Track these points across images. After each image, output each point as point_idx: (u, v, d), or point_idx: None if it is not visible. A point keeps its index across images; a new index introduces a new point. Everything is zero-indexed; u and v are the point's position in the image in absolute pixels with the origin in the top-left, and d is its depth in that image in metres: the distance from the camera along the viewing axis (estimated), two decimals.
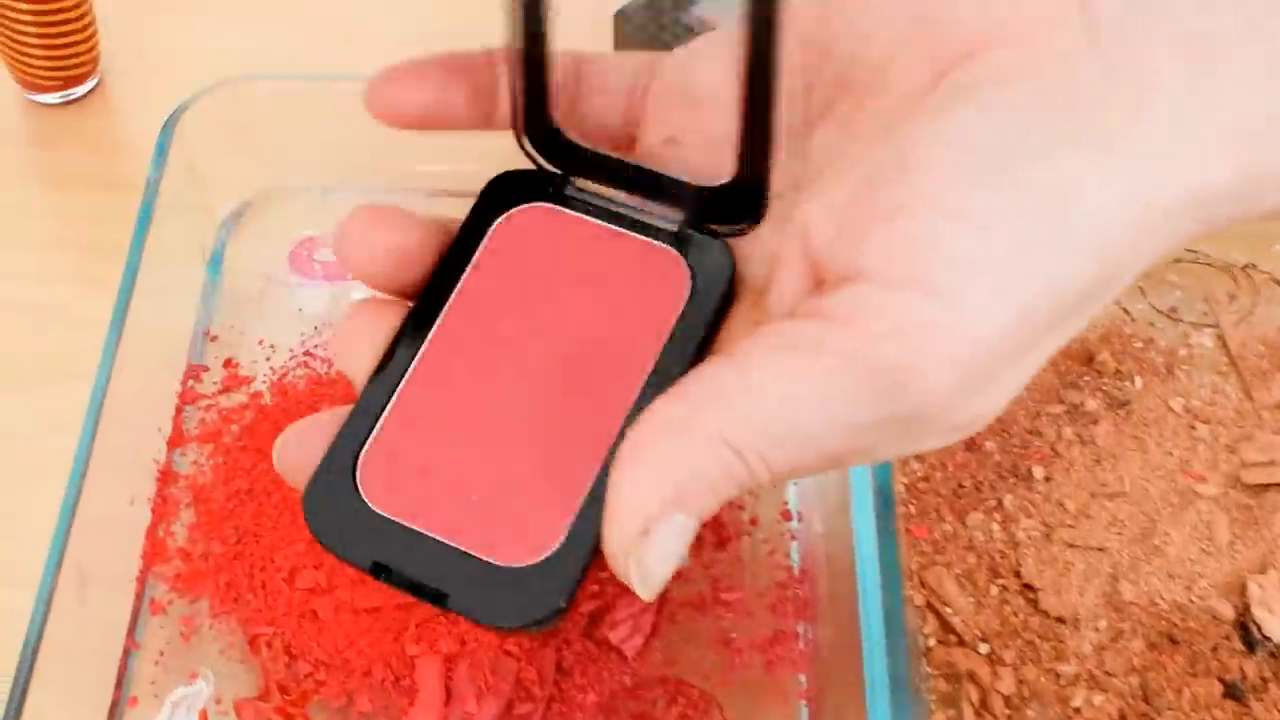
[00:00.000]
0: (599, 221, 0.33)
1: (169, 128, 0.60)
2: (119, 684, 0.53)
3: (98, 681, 0.52)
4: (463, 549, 0.30)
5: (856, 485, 0.50)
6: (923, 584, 0.56)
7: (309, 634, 0.53)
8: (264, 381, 0.61)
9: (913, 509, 0.58)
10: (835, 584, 0.53)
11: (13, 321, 0.65)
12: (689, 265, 0.32)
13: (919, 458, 0.60)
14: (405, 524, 0.30)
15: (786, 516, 0.58)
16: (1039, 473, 0.59)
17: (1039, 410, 0.61)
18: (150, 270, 0.57)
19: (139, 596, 0.55)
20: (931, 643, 0.55)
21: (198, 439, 0.58)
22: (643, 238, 0.33)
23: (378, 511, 0.30)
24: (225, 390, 0.60)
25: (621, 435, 0.30)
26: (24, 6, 0.68)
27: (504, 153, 0.35)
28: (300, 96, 0.63)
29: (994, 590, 0.56)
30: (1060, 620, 0.55)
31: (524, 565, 0.30)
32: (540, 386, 0.31)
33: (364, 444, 0.31)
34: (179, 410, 0.59)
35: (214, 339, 0.62)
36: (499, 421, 0.31)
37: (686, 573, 0.56)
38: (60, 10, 0.69)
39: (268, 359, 0.62)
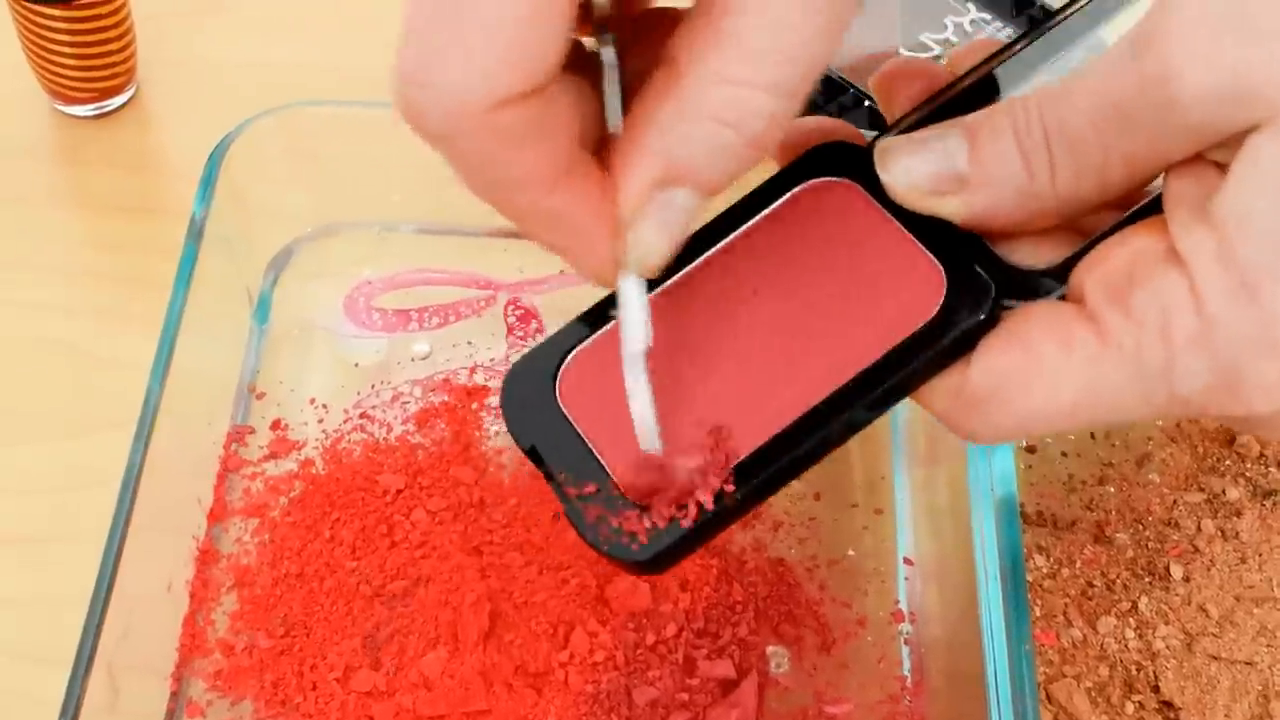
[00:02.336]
0: (888, 213, 0.33)
1: (216, 159, 0.54)
2: None
3: None
4: (607, 468, 0.32)
5: (983, 581, 0.45)
6: (1049, 699, 0.50)
7: None
8: (315, 447, 0.54)
9: (1037, 611, 0.52)
10: (956, 697, 0.48)
11: (34, 359, 0.59)
12: (949, 288, 0.32)
13: (1043, 551, 0.54)
14: (575, 425, 0.33)
15: (898, 618, 0.51)
16: (1177, 572, 0.53)
17: (1176, 498, 0.55)
18: (190, 316, 0.50)
19: (175, 695, 0.49)
20: None
21: (242, 512, 0.52)
22: (920, 244, 0.32)
23: (561, 407, 0.33)
24: (272, 456, 0.54)
25: (792, 429, 0.31)
26: (55, 11, 0.62)
27: None
28: (358, 124, 0.57)
29: (1129, 708, 0.50)
30: None
31: (641, 506, 0.31)
32: (751, 354, 0.33)
33: (582, 342, 0.34)
34: (221, 479, 0.53)
35: (260, 396, 0.56)
36: (697, 370, 0.33)
37: (786, 680, 0.50)
38: (95, 15, 0.63)
39: (320, 421, 0.55)
